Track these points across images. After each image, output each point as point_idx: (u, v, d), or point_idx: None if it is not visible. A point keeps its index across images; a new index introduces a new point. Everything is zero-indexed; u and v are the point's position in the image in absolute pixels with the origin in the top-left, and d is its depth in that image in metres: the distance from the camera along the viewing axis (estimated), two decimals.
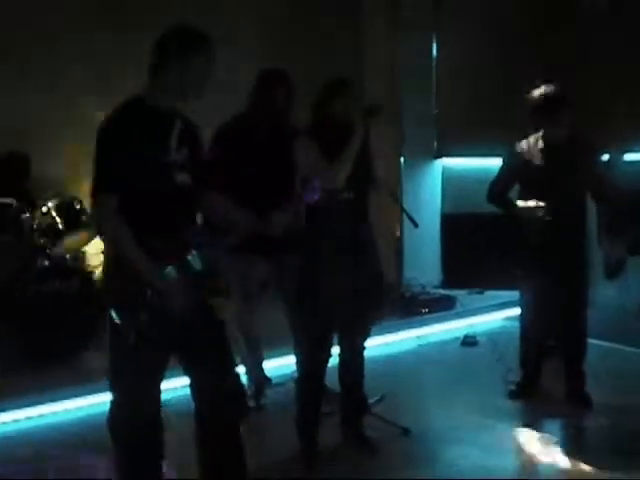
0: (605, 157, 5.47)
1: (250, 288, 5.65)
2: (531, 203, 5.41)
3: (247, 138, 5.41)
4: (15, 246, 6.60)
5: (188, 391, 3.95)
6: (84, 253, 7.05)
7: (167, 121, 3.76)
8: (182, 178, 3.77)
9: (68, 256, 6.78)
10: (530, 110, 5.52)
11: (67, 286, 6.34)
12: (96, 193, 3.65)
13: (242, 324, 5.71)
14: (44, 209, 6.64)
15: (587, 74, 7.67)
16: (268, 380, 5.99)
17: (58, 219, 6.62)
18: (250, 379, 5.84)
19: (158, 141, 3.71)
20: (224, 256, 5.38)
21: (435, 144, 8.86)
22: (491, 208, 5.78)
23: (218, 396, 3.86)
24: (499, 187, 5.68)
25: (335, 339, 5.01)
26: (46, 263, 6.58)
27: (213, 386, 3.86)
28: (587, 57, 7.83)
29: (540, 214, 5.36)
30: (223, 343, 3.92)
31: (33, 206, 6.72)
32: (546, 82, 5.49)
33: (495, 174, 5.72)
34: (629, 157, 5.43)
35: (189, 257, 3.71)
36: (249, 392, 5.76)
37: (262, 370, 5.92)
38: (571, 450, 5.09)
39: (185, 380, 3.97)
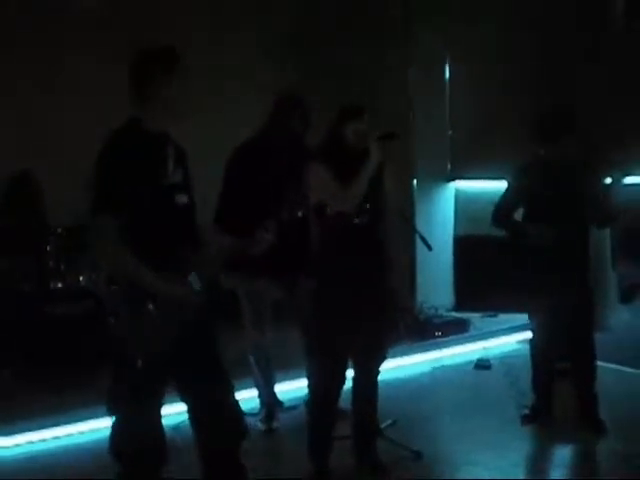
0: (607, 180, 5.47)
1: (262, 310, 5.65)
2: (535, 225, 5.42)
3: (263, 161, 5.43)
4: (30, 268, 6.63)
5: None
6: (98, 275, 7.06)
7: (161, 144, 3.80)
8: (181, 199, 3.81)
9: (82, 278, 6.80)
10: (532, 132, 5.56)
11: (81, 308, 6.37)
12: (95, 215, 3.69)
13: (254, 347, 5.71)
14: (59, 230, 6.68)
15: (593, 98, 7.68)
16: (280, 403, 5.98)
17: (71, 241, 6.65)
18: (262, 402, 5.84)
19: (156, 164, 3.76)
20: (234, 278, 5.46)
21: (448, 166, 8.87)
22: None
23: (215, 420, 3.86)
24: (504, 209, 5.69)
25: (349, 363, 5.00)
26: (60, 285, 6.60)
27: (210, 410, 3.87)
28: (593, 82, 7.85)
29: (544, 236, 5.37)
30: (219, 367, 3.93)
31: (48, 228, 6.77)
32: (548, 105, 5.53)
33: (500, 197, 5.74)
34: (631, 180, 5.44)
35: (189, 277, 3.74)
36: (261, 415, 5.76)
37: (274, 393, 5.91)
38: (582, 475, 5.05)
39: None
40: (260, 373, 5.78)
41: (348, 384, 5.02)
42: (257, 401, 5.87)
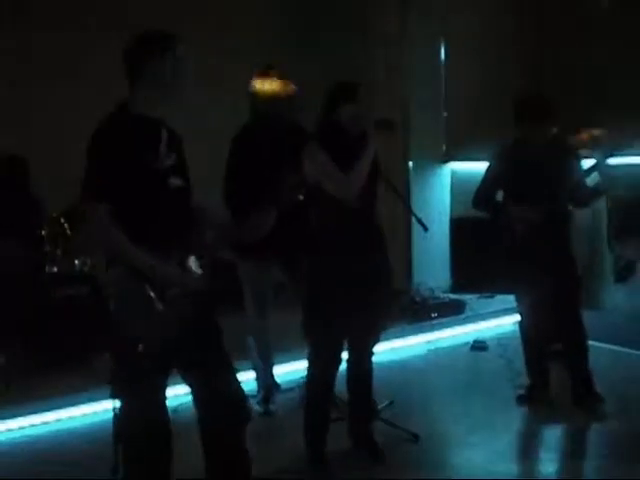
0: (591, 161, 5.48)
1: (263, 292, 5.65)
2: (517, 207, 5.44)
3: (261, 144, 5.42)
4: (25, 253, 6.63)
5: None
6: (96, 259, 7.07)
7: (155, 129, 3.79)
8: (175, 182, 3.80)
9: (77, 262, 6.80)
10: (513, 114, 5.56)
11: (76, 292, 6.38)
12: (88, 203, 3.68)
13: (255, 329, 5.71)
14: (54, 215, 6.68)
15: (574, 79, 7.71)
16: (277, 386, 6.00)
17: (66, 225, 6.65)
18: (259, 384, 5.85)
19: (149, 148, 3.73)
20: (238, 260, 5.47)
21: (444, 148, 8.86)
22: None
23: (219, 404, 3.86)
24: (485, 191, 5.71)
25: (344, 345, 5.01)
26: (55, 270, 6.60)
27: (213, 394, 3.87)
28: (574, 63, 7.88)
29: (525, 217, 5.38)
30: (221, 350, 3.93)
31: (43, 212, 6.76)
32: (528, 87, 5.55)
33: (481, 178, 5.75)
34: (615, 160, 5.44)
35: (188, 260, 3.74)
36: (258, 397, 5.78)
37: (272, 376, 5.93)
38: (578, 455, 5.07)
39: None
40: (259, 355, 5.80)
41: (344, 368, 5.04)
42: (255, 383, 5.89)
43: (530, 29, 8.35)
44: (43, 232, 6.68)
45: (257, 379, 5.88)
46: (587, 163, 5.56)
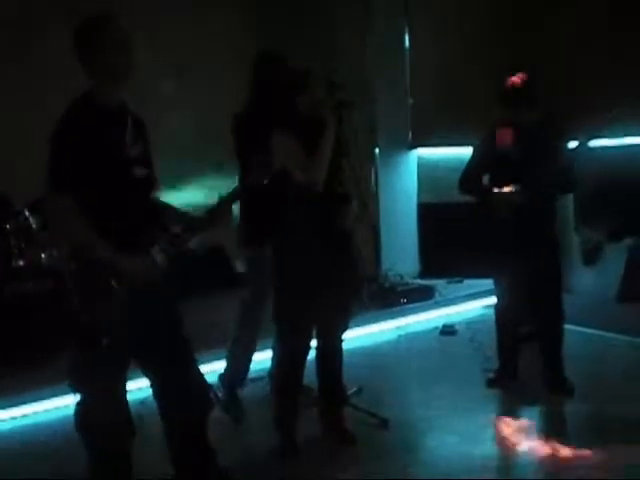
0: (573, 144, 5.49)
1: (265, 283, 5.51)
2: (503, 189, 5.42)
3: (252, 128, 5.32)
4: None
5: None
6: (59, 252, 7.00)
7: (119, 117, 3.76)
8: (140, 172, 3.78)
9: (43, 255, 6.73)
10: (499, 96, 5.56)
11: (41, 286, 6.31)
12: (51, 193, 3.65)
13: (251, 320, 5.57)
14: (18, 208, 6.61)
15: (558, 61, 7.70)
16: (244, 383, 5.77)
17: (31, 219, 6.58)
18: (225, 378, 5.69)
19: (113, 138, 3.71)
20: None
21: (410, 134, 8.85)
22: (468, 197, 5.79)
23: (179, 395, 3.86)
24: (471, 175, 5.69)
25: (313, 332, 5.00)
26: (21, 263, 6.53)
27: (173, 385, 3.86)
28: (558, 45, 7.86)
29: (512, 200, 5.38)
30: (182, 341, 3.91)
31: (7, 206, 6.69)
32: (515, 69, 5.53)
33: (467, 162, 5.73)
34: (597, 143, 5.46)
35: (152, 251, 3.72)
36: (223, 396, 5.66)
37: (247, 370, 5.73)
38: (549, 436, 5.09)
39: None
40: (244, 348, 5.62)
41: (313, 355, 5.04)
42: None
43: (504, 10, 8.31)
44: (8, 226, 6.61)
45: (226, 370, 5.71)
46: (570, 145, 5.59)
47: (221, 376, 5.67)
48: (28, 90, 7.34)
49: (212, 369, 5.68)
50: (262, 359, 6.06)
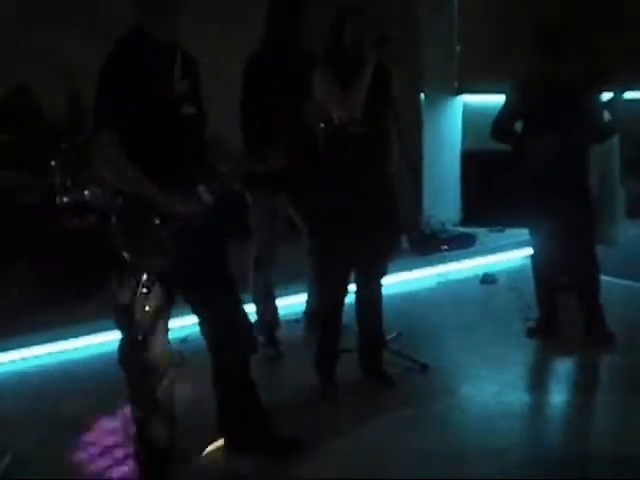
0: (607, 95, 5.42)
1: (273, 226, 5.55)
2: (535, 137, 5.38)
3: (272, 70, 5.33)
4: (34, 182, 6.63)
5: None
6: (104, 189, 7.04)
7: (167, 54, 3.73)
8: (188, 110, 3.75)
9: (87, 192, 6.77)
10: (537, 44, 5.50)
11: (86, 222, 6.37)
12: (97, 130, 3.64)
13: (261, 263, 5.61)
14: (63, 146, 6.65)
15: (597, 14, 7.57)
16: (277, 325, 5.79)
17: (77, 155, 6.62)
18: (258, 323, 5.66)
19: (160, 74, 3.68)
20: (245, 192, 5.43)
21: (456, 81, 8.76)
22: None
23: (226, 333, 3.88)
24: (504, 122, 5.65)
25: (352, 277, 5.01)
26: (65, 200, 6.59)
27: (219, 324, 3.89)
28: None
29: (545, 149, 5.33)
30: (228, 280, 3.93)
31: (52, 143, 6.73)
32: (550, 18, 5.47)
33: (499, 109, 5.69)
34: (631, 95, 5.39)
35: (199, 190, 3.71)
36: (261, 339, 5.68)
37: (275, 313, 5.77)
38: (587, 387, 5.10)
39: None
40: (259, 292, 5.65)
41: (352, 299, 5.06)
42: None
43: None
44: (53, 163, 6.65)
45: (257, 313, 5.66)
46: (604, 98, 5.51)
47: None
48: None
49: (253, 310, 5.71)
50: (298, 302, 6.11)
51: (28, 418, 4.73)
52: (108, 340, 5.53)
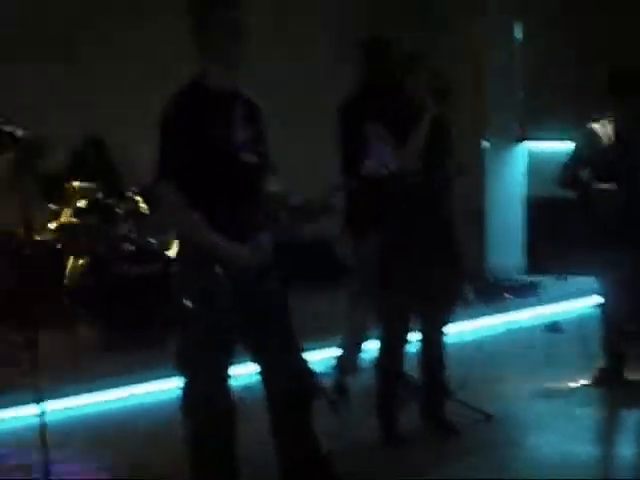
0: None
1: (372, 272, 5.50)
2: (604, 186, 5.32)
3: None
4: (101, 230, 6.74)
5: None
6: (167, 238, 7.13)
7: (228, 101, 3.73)
8: (247, 158, 3.76)
9: (152, 240, 6.87)
10: (601, 93, 5.50)
11: (151, 270, 6.45)
12: (159, 180, 3.69)
13: (361, 306, 5.58)
14: (129, 194, 6.77)
15: None
16: (356, 369, 5.78)
17: (142, 204, 6.74)
18: (339, 363, 5.73)
19: (218, 123, 3.68)
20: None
21: (519, 127, 8.76)
22: None
23: (285, 381, 3.84)
24: (571, 169, 5.62)
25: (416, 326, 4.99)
26: (130, 247, 6.69)
27: (279, 371, 3.84)
28: None
29: (614, 196, 5.27)
30: (288, 327, 3.92)
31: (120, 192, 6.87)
32: (618, 66, 5.45)
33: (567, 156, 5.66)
34: None
35: (259, 237, 3.73)
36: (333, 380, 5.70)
37: (358, 357, 5.75)
38: None
39: None
40: (355, 334, 5.67)
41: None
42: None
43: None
44: (118, 210, 6.77)
45: (339, 357, 5.73)
46: None
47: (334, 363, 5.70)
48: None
49: (313, 358, 5.69)
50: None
51: None
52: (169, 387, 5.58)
